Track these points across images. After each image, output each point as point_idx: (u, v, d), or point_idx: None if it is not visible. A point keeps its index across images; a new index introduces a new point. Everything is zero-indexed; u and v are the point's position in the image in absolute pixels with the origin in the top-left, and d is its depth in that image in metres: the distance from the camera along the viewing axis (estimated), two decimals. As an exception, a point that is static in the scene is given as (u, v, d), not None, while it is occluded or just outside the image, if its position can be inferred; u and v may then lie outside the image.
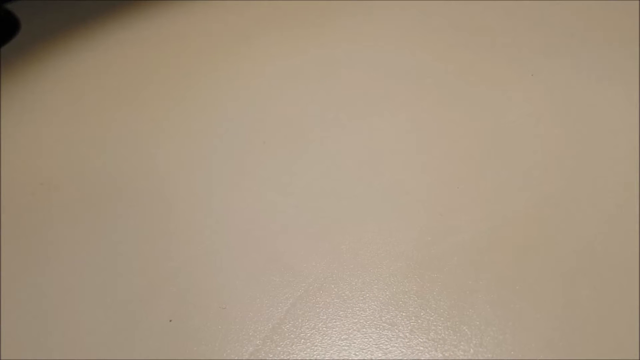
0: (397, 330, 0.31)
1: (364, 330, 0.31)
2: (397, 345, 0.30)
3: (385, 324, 0.31)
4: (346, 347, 0.31)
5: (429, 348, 0.30)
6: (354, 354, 0.30)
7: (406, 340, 0.31)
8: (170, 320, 0.32)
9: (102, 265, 0.36)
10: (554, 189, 0.38)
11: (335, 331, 0.31)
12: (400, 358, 0.30)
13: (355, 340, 0.31)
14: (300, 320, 0.32)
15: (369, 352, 0.30)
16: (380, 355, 0.30)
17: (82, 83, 0.53)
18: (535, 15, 0.56)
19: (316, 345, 0.31)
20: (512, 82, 0.47)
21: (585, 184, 0.38)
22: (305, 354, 0.30)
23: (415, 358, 0.30)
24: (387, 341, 0.31)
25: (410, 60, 0.51)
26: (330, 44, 0.55)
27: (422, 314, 0.32)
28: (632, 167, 0.38)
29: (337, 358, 0.30)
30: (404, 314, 0.32)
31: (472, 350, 0.30)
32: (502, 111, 0.45)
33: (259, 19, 0.59)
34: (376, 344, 0.31)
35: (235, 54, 0.54)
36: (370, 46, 0.54)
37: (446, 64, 0.50)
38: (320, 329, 0.31)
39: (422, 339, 0.31)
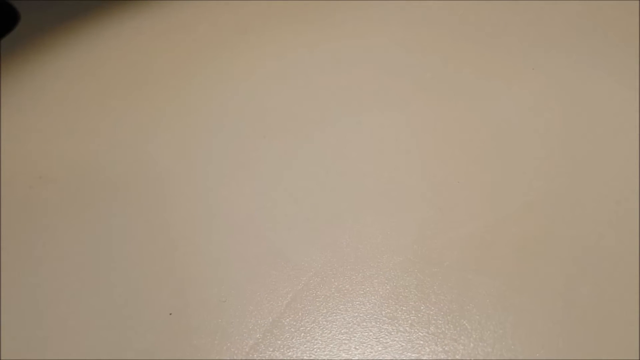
0: (397, 324, 0.31)
1: (364, 324, 0.31)
2: (397, 339, 0.30)
3: (385, 318, 0.31)
4: (346, 341, 0.31)
5: (429, 342, 0.30)
6: (354, 348, 0.30)
7: (406, 334, 0.31)
8: (170, 314, 0.32)
9: (101, 258, 0.36)
10: (555, 183, 0.38)
11: (335, 325, 0.31)
12: (400, 352, 0.30)
13: (355, 334, 0.31)
14: (300, 314, 0.32)
15: (369, 345, 0.30)
16: (380, 349, 0.30)
17: (81, 76, 0.52)
18: (536, 8, 0.55)
19: (316, 339, 0.31)
20: (513, 76, 0.47)
21: (586, 178, 0.38)
22: (306, 347, 0.30)
23: (415, 352, 0.30)
24: (387, 335, 0.31)
25: (410, 55, 0.51)
26: (330, 39, 0.54)
27: (422, 308, 0.32)
28: (634, 163, 0.38)
29: (337, 351, 0.30)
30: (404, 308, 0.32)
31: (472, 344, 0.30)
32: (502, 105, 0.44)
33: (258, 14, 0.59)
34: (376, 338, 0.31)
35: (235, 48, 0.54)
36: (370, 42, 0.53)
37: (446, 59, 0.50)
38: (321, 322, 0.31)
39: (422, 333, 0.31)
